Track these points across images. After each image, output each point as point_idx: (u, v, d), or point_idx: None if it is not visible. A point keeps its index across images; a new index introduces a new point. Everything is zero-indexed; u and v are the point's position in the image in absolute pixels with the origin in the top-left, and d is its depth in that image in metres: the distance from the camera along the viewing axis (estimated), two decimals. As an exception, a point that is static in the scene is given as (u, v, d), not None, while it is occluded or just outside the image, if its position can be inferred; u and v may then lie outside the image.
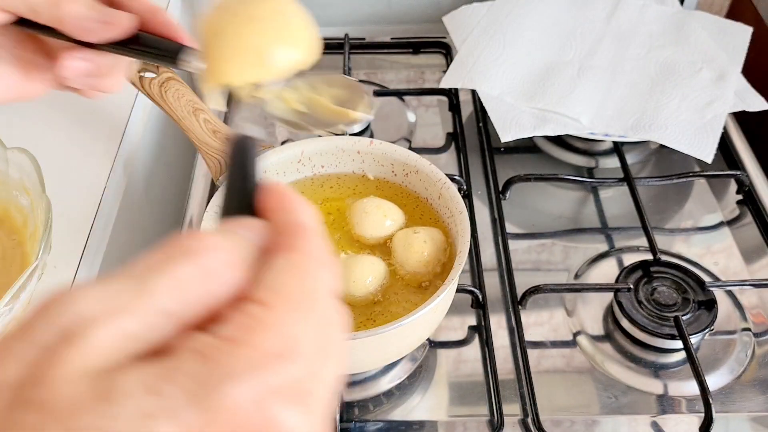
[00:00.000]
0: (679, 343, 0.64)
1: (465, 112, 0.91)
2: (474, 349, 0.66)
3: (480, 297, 0.68)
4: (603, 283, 0.71)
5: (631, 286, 0.68)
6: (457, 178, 0.71)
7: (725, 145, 0.85)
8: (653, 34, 0.91)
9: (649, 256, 0.71)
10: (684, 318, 0.65)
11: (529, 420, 0.60)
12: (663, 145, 0.81)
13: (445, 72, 0.88)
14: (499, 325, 0.68)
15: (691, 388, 0.62)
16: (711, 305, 0.67)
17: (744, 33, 0.91)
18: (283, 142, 0.86)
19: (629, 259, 0.73)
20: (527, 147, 0.87)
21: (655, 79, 0.86)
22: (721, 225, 0.79)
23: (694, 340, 0.65)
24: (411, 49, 1.01)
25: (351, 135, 0.84)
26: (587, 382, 0.64)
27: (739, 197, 0.81)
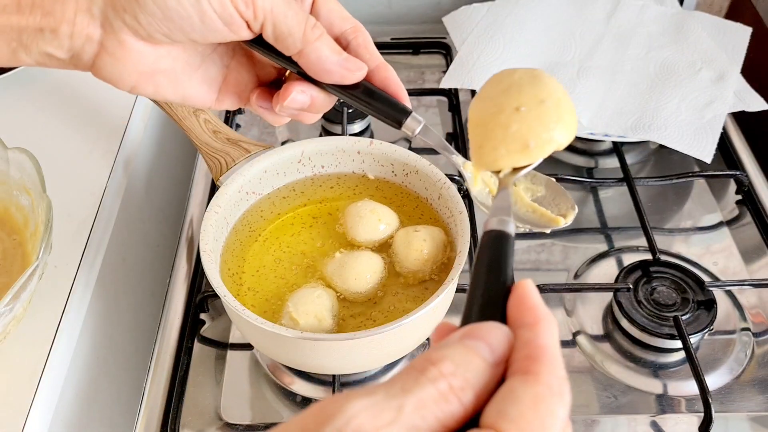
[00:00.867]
0: (678, 343, 0.64)
1: (465, 113, 0.91)
2: (474, 348, 0.66)
3: (480, 297, 0.68)
4: (602, 283, 0.72)
5: (631, 286, 0.68)
6: (457, 178, 0.71)
7: (725, 145, 0.85)
8: (653, 34, 0.92)
9: (648, 256, 0.71)
10: (683, 318, 0.65)
11: (528, 420, 0.60)
12: (662, 145, 0.81)
13: (445, 72, 0.88)
14: (498, 325, 0.68)
15: (691, 387, 0.62)
16: (710, 305, 0.67)
17: (743, 33, 0.91)
18: (283, 142, 0.86)
19: (629, 259, 0.73)
20: (527, 147, 0.87)
21: (654, 80, 0.86)
22: (720, 225, 0.79)
23: (694, 339, 0.65)
24: (411, 50, 1.01)
25: (351, 135, 0.84)
26: (587, 381, 0.64)
27: (739, 197, 0.81)
